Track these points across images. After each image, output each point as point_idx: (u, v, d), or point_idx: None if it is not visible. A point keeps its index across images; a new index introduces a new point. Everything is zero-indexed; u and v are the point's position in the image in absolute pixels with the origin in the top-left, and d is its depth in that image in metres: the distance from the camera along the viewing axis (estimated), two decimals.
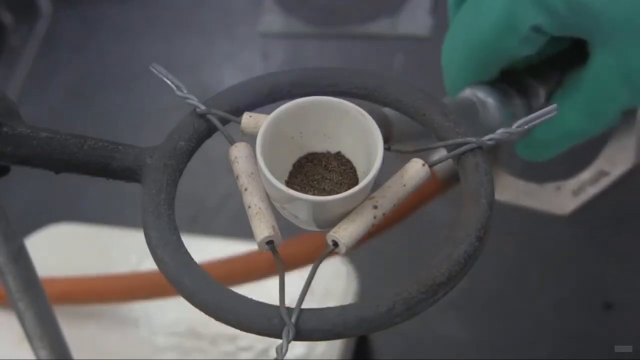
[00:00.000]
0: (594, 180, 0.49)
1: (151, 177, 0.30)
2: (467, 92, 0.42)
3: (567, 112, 0.42)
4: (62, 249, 0.84)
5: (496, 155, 0.50)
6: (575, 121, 0.42)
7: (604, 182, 0.48)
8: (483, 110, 0.42)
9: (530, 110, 0.42)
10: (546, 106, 0.42)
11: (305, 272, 0.30)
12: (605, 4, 0.36)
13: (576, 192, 0.49)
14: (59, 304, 0.75)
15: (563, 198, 0.49)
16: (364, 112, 0.29)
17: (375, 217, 0.29)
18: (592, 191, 0.49)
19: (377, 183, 0.29)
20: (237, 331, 0.27)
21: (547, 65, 0.43)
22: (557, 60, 0.43)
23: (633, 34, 0.37)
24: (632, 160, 0.47)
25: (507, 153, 0.49)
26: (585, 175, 0.49)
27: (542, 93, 0.43)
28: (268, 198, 0.29)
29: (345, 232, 0.28)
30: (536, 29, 0.38)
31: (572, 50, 0.42)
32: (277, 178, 0.28)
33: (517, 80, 0.43)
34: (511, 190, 0.50)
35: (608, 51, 0.38)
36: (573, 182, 0.49)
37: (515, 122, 0.31)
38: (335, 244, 0.28)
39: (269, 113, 0.30)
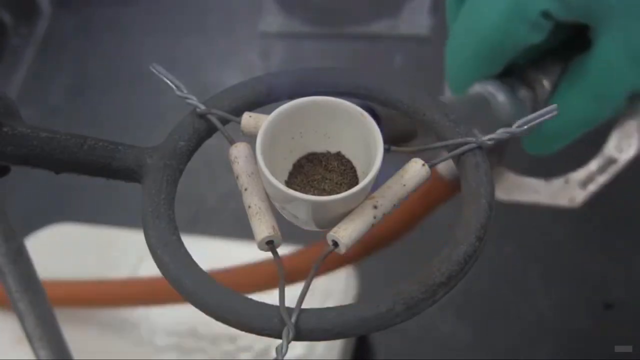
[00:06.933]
0: (602, 169, 0.48)
1: (151, 177, 0.30)
2: (477, 88, 0.43)
3: (574, 99, 0.42)
4: (62, 249, 0.84)
5: (501, 156, 0.50)
6: (583, 107, 0.42)
7: (612, 170, 0.48)
8: (495, 104, 0.42)
9: (536, 102, 0.43)
10: (551, 96, 0.43)
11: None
12: None
13: (585, 183, 0.49)
14: (63, 307, 0.75)
15: (572, 190, 0.49)
16: (364, 112, 0.29)
17: (375, 217, 0.28)
18: (601, 180, 0.48)
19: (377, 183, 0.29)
20: (237, 331, 0.27)
21: (548, 57, 0.43)
22: (557, 52, 0.43)
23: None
24: (638, 145, 0.47)
25: (512, 153, 0.49)
26: (593, 165, 0.49)
27: (546, 84, 0.43)
28: (268, 198, 0.29)
29: (345, 232, 0.28)
30: (545, 15, 0.39)
31: (571, 41, 0.43)
32: (277, 178, 0.28)
33: (521, 74, 0.44)
34: (519, 189, 0.50)
35: (615, 32, 0.38)
36: (581, 174, 0.49)
37: (515, 122, 0.31)
38: (335, 244, 0.28)
39: (269, 113, 0.29)
